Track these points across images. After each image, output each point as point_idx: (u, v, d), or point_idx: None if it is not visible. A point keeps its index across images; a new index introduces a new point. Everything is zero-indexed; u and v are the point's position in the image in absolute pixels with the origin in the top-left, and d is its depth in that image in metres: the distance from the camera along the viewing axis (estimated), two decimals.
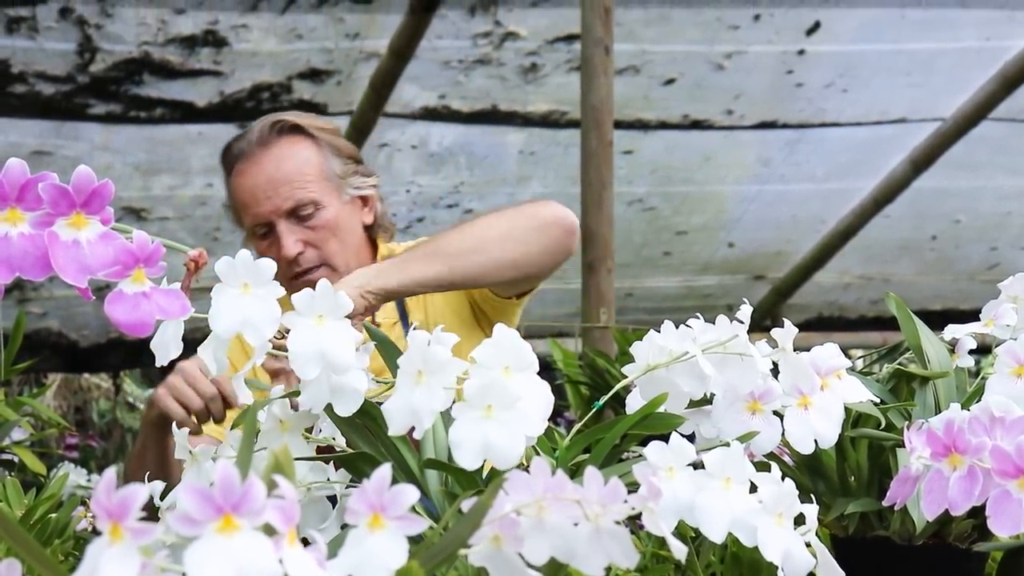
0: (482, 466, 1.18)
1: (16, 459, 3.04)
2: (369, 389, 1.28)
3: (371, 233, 2.38)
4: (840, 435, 1.42)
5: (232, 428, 1.39)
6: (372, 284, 1.89)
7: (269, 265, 1.23)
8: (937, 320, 1.98)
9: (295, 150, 2.27)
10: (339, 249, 2.26)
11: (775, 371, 1.40)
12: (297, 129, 2.29)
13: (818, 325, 6.92)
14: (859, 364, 1.77)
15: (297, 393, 1.27)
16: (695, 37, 4.85)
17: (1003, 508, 1.25)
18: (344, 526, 1.30)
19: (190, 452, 1.38)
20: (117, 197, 1.26)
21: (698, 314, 1.39)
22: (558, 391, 4.00)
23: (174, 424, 1.67)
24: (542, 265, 2.16)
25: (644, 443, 1.20)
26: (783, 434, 1.40)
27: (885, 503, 1.40)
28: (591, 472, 1.00)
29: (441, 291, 2.14)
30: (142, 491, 0.81)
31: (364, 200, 2.33)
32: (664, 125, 5.34)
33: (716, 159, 5.63)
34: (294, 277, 2.23)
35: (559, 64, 4.84)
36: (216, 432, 2.16)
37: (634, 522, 1.10)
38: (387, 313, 2.29)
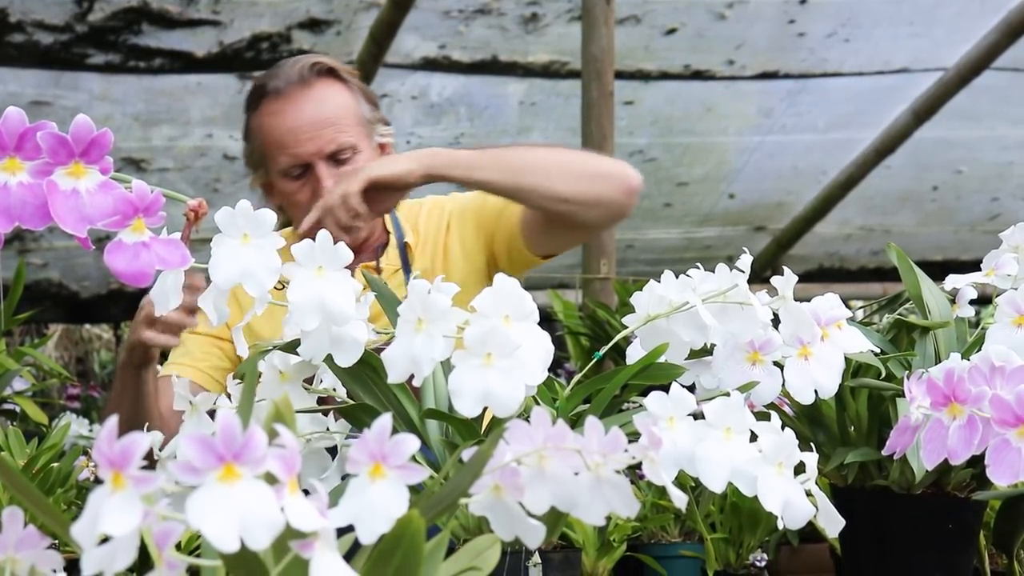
0: (482, 416, 1.18)
1: (18, 409, 3.05)
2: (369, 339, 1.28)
3: None
4: (840, 385, 1.42)
5: (234, 378, 1.39)
6: (431, 162, 2.08)
7: (269, 216, 1.23)
8: (938, 271, 1.98)
9: (333, 92, 2.26)
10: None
11: (775, 322, 1.40)
12: (333, 72, 2.28)
13: (819, 276, 6.92)
14: (859, 314, 1.78)
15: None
16: None
17: (1002, 457, 1.25)
18: (345, 476, 1.30)
19: (190, 403, 1.39)
20: (116, 148, 1.26)
21: (698, 264, 1.39)
22: (558, 342, 4.00)
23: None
24: (588, 211, 2.18)
25: (644, 393, 1.20)
26: (783, 384, 1.40)
27: (885, 452, 1.41)
28: (592, 422, 1.01)
29: (483, 190, 2.22)
30: (144, 440, 0.81)
31: (382, 148, 2.34)
32: (665, 75, 5.31)
33: (717, 110, 5.61)
34: None
35: (560, 14, 4.81)
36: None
37: (634, 472, 1.11)
38: (390, 259, 2.29)
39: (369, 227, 2.25)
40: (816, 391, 1.40)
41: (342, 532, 0.91)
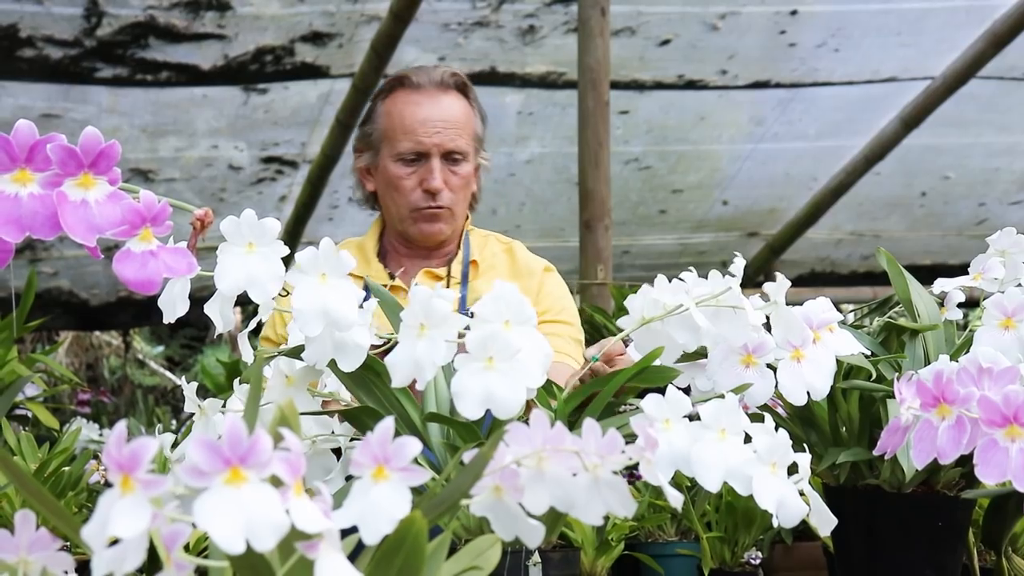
0: (481, 420, 1.19)
1: (30, 414, 3.07)
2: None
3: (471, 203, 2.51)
4: (832, 387, 1.43)
5: (240, 383, 1.41)
6: None
7: (273, 225, 1.25)
8: (926, 275, 2.00)
9: (463, 104, 2.46)
10: (462, 201, 2.45)
11: (769, 326, 1.42)
12: (465, 88, 2.48)
13: (810, 280, 6.94)
14: (850, 318, 1.79)
15: None
16: None
17: (990, 456, 1.27)
18: (348, 478, 1.31)
19: (199, 406, 1.40)
20: (124, 159, 1.28)
21: (691, 268, 1.40)
22: None
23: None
24: None
25: (641, 396, 1.21)
26: (776, 386, 1.42)
27: (876, 452, 1.42)
28: (589, 424, 1.02)
29: None
30: (152, 444, 0.82)
31: (476, 168, 2.47)
32: (659, 85, 5.34)
33: (710, 118, 5.63)
34: (422, 209, 2.40)
35: (556, 26, 4.84)
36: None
37: (631, 472, 1.12)
38: (453, 272, 2.40)
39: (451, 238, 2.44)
40: (808, 393, 1.41)
41: (346, 533, 0.92)
